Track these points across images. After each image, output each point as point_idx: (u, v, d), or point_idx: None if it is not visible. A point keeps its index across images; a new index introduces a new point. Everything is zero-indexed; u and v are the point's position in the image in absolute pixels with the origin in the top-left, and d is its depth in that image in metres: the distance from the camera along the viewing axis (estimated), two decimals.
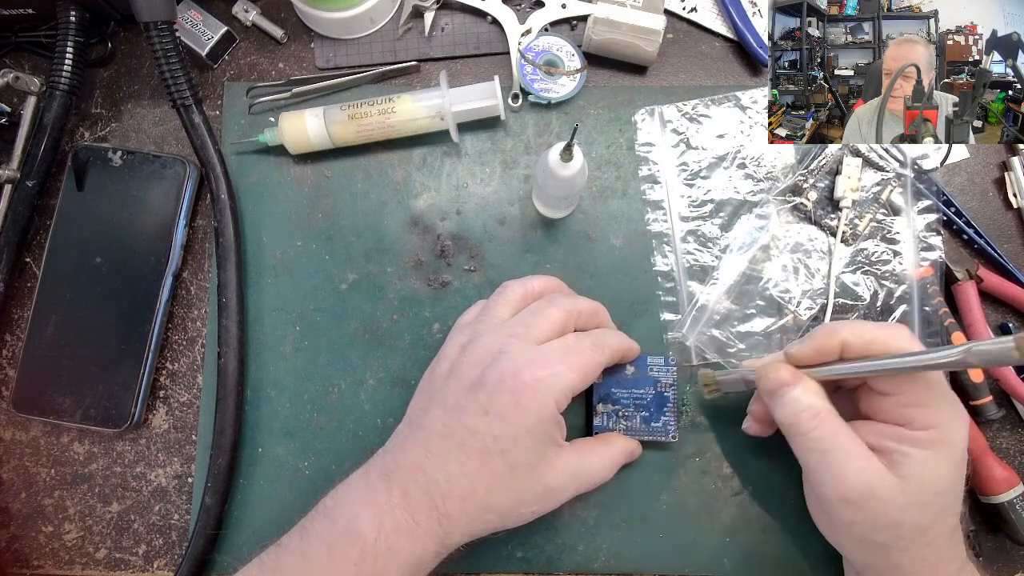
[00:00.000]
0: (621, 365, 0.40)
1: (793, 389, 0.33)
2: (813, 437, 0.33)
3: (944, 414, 0.31)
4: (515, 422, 0.32)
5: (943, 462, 0.31)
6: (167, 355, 0.43)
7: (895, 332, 0.32)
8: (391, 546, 0.31)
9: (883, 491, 0.31)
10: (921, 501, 0.31)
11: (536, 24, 0.45)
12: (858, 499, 0.31)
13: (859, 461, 0.32)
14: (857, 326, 0.33)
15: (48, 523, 0.42)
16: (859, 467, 0.31)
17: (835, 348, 0.33)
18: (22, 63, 0.46)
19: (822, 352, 0.33)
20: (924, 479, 0.31)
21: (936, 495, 0.31)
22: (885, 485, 0.31)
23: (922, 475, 0.31)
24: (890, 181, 0.43)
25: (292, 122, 0.42)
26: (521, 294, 0.38)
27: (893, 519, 0.31)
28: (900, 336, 0.32)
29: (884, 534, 0.32)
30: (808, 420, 0.33)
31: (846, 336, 0.33)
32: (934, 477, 0.31)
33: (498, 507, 0.33)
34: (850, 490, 0.31)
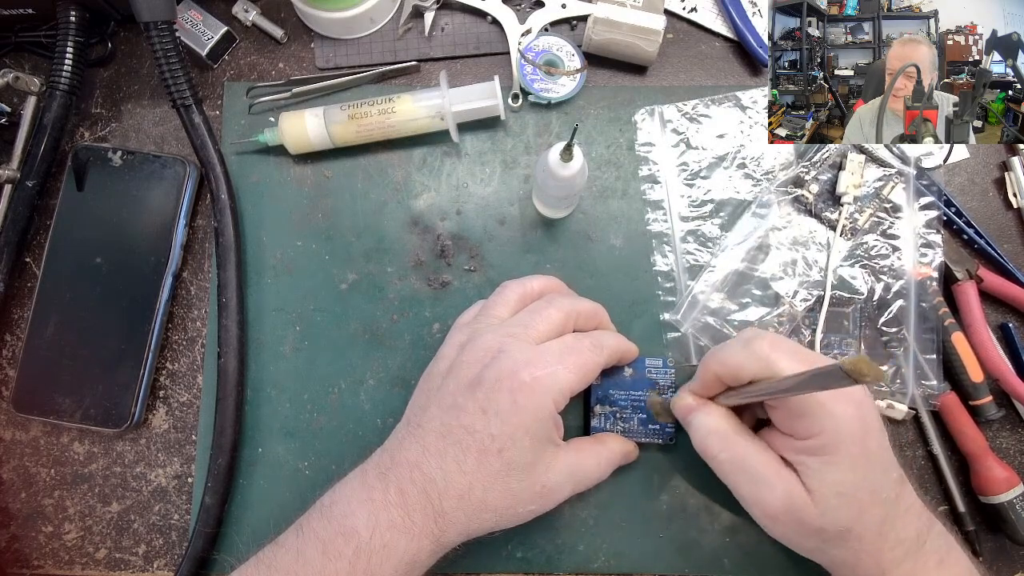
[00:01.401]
0: (619, 367, 0.40)
1: (697, 415, 0.35)
2: (723, 460, 0.34)
3: (823, 420, 0.31)
4: (513, 421, 0.32)
5: (836, 465, 0.31)
6: (167, 355, 0.43)
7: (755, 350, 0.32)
8: (386, 544, 0.31)
9: (796, 503, 0.32)
10: (830, 505, 0.32)
11: (536, 24, 0.45)
12: (777, 514, 0.33)
13: (771, 479, 0.33)
14: (721, 353, 0.34)
15: (48, 523, 0.42)
16: (771, 485, 0.33)
17: (715, 380, 0.35)
18: (22, 63, 0.46)
19: (708, 386, 0.35)
20: (825, 485, 0.32)
21: (840, 497, 0.31)
22: (796, 497, 0.32)
23: (821, 481, 0.32)
24: (892, 177, 0.43)
25: (292, 122, 0.42)
26: (520, 294, 0.38)
27: (814, 526, 0.32)
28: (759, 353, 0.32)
29: (812, 539, 0.33)
30: (716, 444, 0.34)
31: (714, 368, 0.34)
32: (832, 481, 0.31)
33: (495, 506, 0.33)
34: (768, 508, 0.33)
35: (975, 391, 0.41)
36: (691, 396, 0.36)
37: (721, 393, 0.35)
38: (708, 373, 0.35)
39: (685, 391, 0.36)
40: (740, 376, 0.33)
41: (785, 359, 0.32)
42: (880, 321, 0.42)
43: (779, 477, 0.33)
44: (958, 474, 0.41)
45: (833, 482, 0.31)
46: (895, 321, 0.42)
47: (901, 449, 0.42)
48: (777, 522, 0.33)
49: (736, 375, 0.33)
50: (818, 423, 0.31)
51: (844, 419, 0.31)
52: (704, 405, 0.35)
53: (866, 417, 0.32)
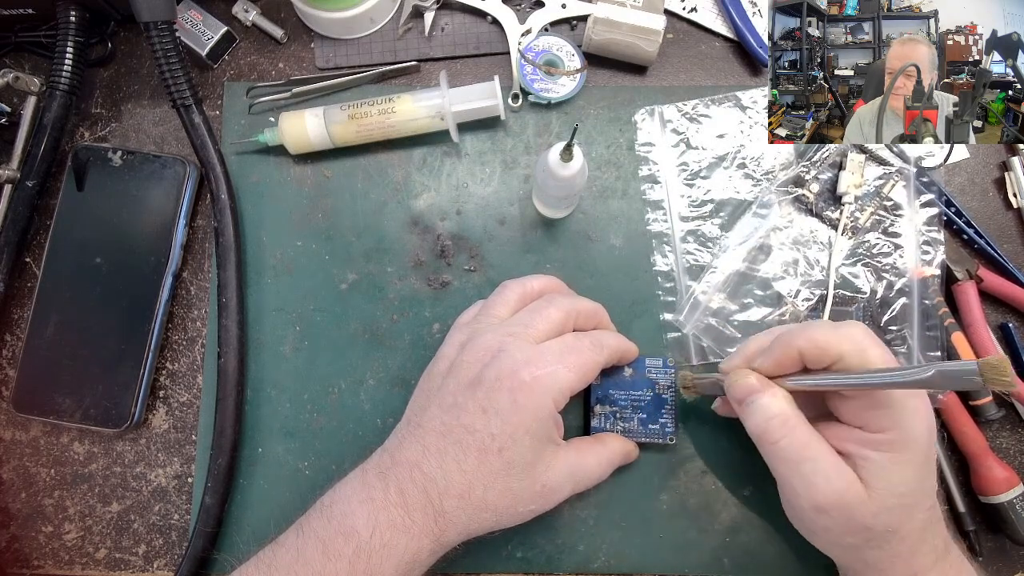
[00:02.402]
0: (619, 367, 0.40)
1: (761, 396, 0.33)
2: (783, 446, 0.33)
3: (900, 415, 0.31)
4: (513, 420, 0.32)
5: (903, 464, 0.31)
6: (167, 355, 0.43)
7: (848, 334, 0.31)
8: (386, 543, 0.31)
9: (852, 498, 0.31)
10: (887, 504, 0.31)
11: (536, 24, 0.45)
12: (829, 507, 0.32)
13: (829, 470, 0.32)
14: (810, 331, 0.32)
15: (48, 523, 0.42)
16: (828, 476, 0.32)
17: (794, 359, 0.33)
18: (22, 63, 0.46)
19: (782, 365, 0.33)
20: (886, 483, 0.31)
21: (899, 497, 0.31)
22: (853, 492, 0.31)
23: (884, 479, 0.31)
24: (892, 175, 0.43)
25: (292, 122, 0.42)
26: (520, 294, 0.38)
27: (863, 524, 0.32)
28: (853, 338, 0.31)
29: (856, 537, 0.32)
30: (777, 428, 0.33)
31: (801, 345, 0.32)
32: (897, 480, 0.31)
33: (495, 506, 0.33)
34: (821, 499, 0.32)
35: (975, 391, 0.41)
36: (755, 376, 0.34)
37: (790, 375, 0.33)
38: (791, 349, 0.32)
39: (746, 371, 0.34)
40: (825, 358, 0.32)
41: (877, 348, 0.31)
42: (883, 320, 0.42)
43: (838, 468, 0.31)
44: (958, 474, 0.41)
45: (896, 481, 0.31)
46: (898, 319, 0.42)
47: None
48: (824, 515, 0.32)
49: (822, 356, 0.32)
50: (895, 418, 0.31)
51: (919, 418, 0.31)
52: (770, 387, 0.33)
53: (931, 419, 0.31)
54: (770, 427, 0.33)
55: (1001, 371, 0.23)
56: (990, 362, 0.23)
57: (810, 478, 0.32)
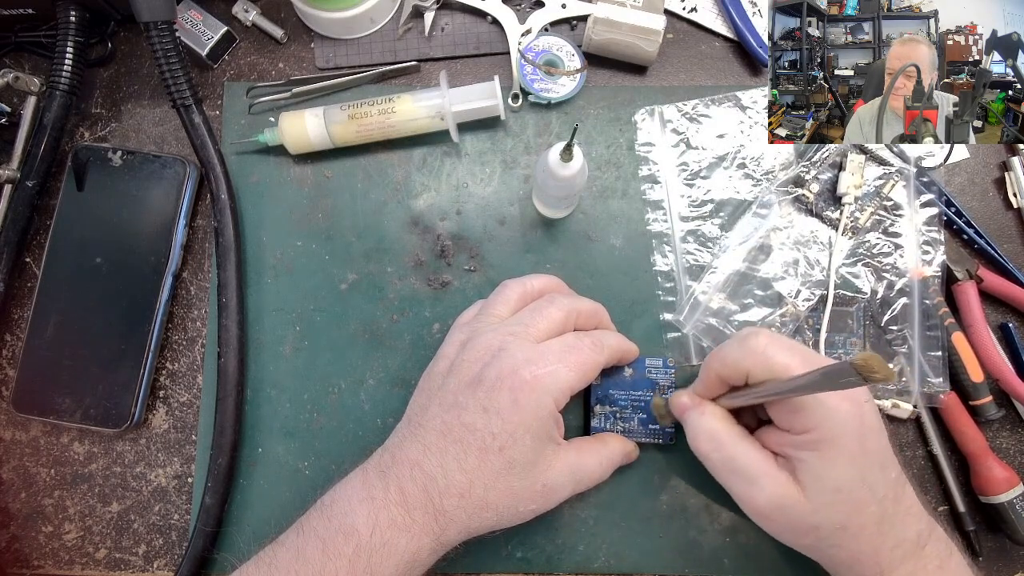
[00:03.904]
0: (619, 367, 0.40)
1: (691, 414, 0.35)
2: (713, 460, 0.34)
3: (819, 414, 0.31)
4: (513, 419, 0.32)
5: (832, 460, 0.31)
6: (167, 355, 0.43)
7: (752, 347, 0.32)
8: (386, 542, 0.31)
9: (788, 501, 0.32)
10: (824, 502, 0.31)
11: (536, 24, 0.45)
12: (769, 512, 0.33)
13: (762, 479, 0.33)
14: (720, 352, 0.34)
15: (48, 523, 0.42)
16: (761, 484, 0.33)
17: (717, 381, 0.35)
18: (22, 63, 0.46)
19: (711, 388, 0.35)
20: (820, 481, 0.31)
21: (834, 493, 0.31)
22: (789, 496, 0.32)
23: (815, 477, 0.32)
24: (892, 175, 0.43)
25: (292, 122, 0.42)
26: (520, 293, 0.38)
27: (809, 524, 0.32)
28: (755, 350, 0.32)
29: (808, 537, 0.33)
30: (705, 443, 0.34)
31: (715, 367, 0.34)
32: (828, 477, 0.31)
33: (496, 505, 0.33)
34: (759, 505, 0.33)
35: (975, 391, 0.41)
36: (687, 395, 0.36)
37: (724, 394, 0.35)
38: (710, 373, 0.35)
39: (683, 391, 0.37)
40: (739, 374, 0.33)
41: (783, 354, 0.32)
42: (883, 319, 0.42)
43: (769, 477, 0.33)
44: (958, 474, 0.41)
45: (828, 478, 0.31)
46: (899, 319, 0.42)
47: (901, 449, 0.42)
48: (769, 520, 0.34)
49: (735, 373, 0.33)
50: (814, 417, 0.31)
51: (841, 414, 0.31)
52: (699, 404, 0.35)
53: (864, 414, 0.32)
54: (699, 443, 0.35)
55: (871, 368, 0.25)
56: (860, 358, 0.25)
57: (744, 487, 0.34)
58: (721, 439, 0.34)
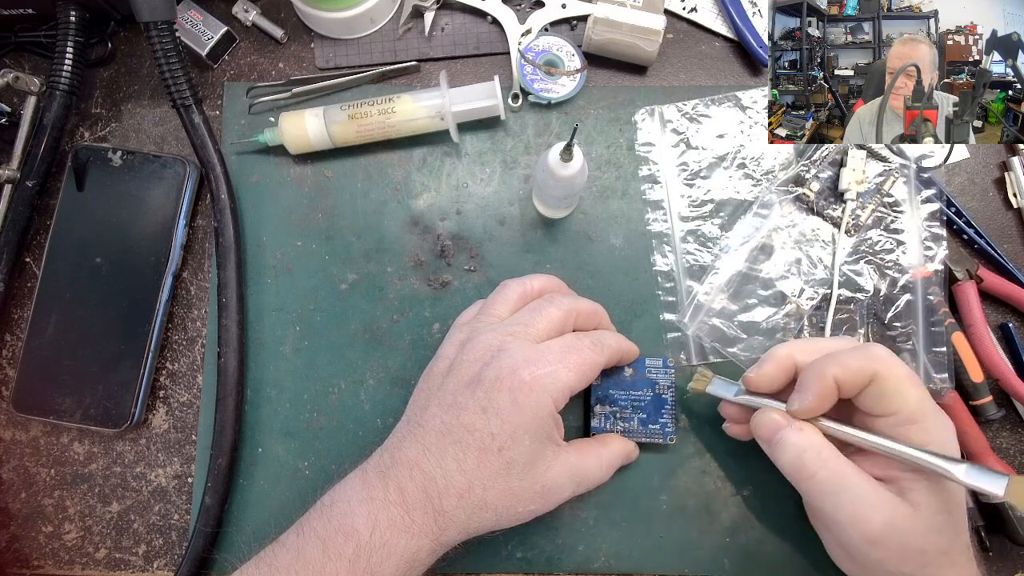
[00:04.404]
0: (619, 367, 0.39)
1: (789, 433, 0.33)
2: (821, 479, 0.32)
3: (936, 429, 0.31)
4: (513, 420, 0.32)
5: (943, 483, 0.31)
6: (167, 355, 0.43)
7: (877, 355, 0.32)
8: (386, 542, 0.31)
9: (903, 522, 0.30)
10: (937, 524, 0.31)
11: (536, 24, 0.45)
12: (881, 536, 0.31)
13: (873, 498, 0.31)
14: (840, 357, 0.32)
15: (48, 523, 0.42)
16: (874, 504, 0.31)
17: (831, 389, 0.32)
18: (22, 63, 0.46)
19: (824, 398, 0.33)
20: (935, 501, 0.31)
21: (948, 515, 0.31)
22: (902, 516, 0.30)
23: (932, 497, 0.31)
24: (893, 172, 0.43)
25: (292, 122, 0.42)
26: (520, 293, 0.38)
27: (917, 548, 0.31)
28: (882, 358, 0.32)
29: (911, 563, 0.31)
30: (812, 461, 0.32)
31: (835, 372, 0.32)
32: (943, 496, 0.31)
33: (495, 505, 0.33)
34: (872, 530, 0.31)
35: (975, 391, 0.41)
36: (779, 413, 0.34)
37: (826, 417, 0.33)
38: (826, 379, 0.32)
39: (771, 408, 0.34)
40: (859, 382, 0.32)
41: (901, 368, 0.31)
42: (887, 316, 0.42)
43: (881, 495, 0.31)
44: None
45: (943, 497, 0.31)
46: (902, 316, 0.42)
47: None
48: (877, 545, 0.31)
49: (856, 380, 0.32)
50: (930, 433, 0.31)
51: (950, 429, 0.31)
52: (795, 422, 0.33)
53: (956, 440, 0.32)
54: (804, 461, 0.32)
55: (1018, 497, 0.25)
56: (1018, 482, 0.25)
57: (855, 508, 0.31)
58: (828, 455, 0.32)
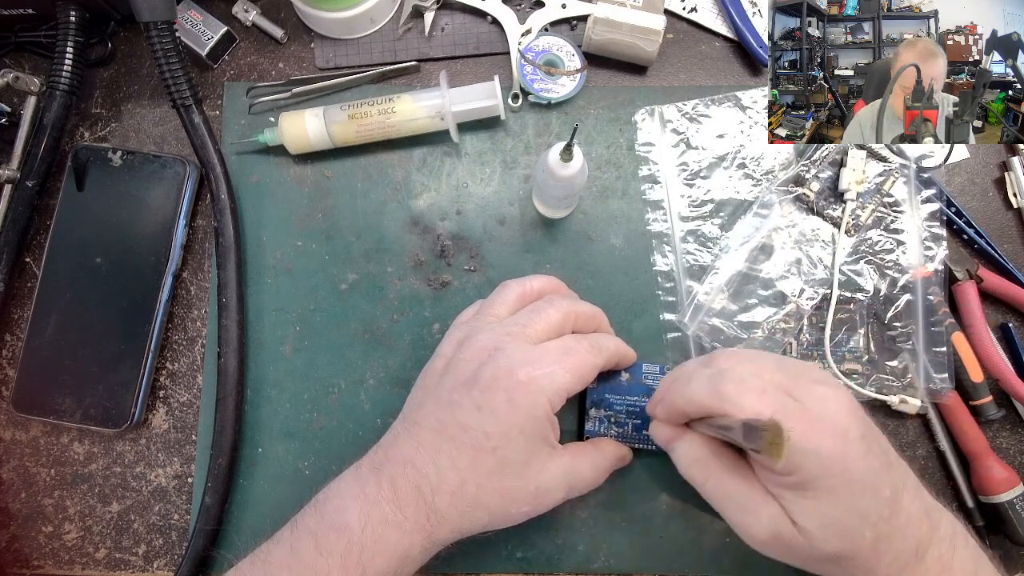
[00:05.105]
0: (616, 371, 0.39)
1: (678, 444, 0.34)
2: (708, 488, 0.34)
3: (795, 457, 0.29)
4: (507, 420, 0.32)
5: (818, 500, 0.30)
6: (167, 355, 0.43)
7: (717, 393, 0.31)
8: (377, 538, 0.31)
9: (783, 534, 0.31)
10: (818, 537, 0.30)
11: (536, 24, 0.45)
12: (767, 542, 0.32)
13: (757, 510, 0.32)
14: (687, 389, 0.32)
15: (48, 523, 0.42)
16: (757, 516, 0.32)
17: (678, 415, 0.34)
18: (22, 63, 0.46)
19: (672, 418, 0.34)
20: (808, 519, 0.30)
21: (826, 529, 0.30)
22: (784, 530, 0.31)
23: (805, 516, 0.30)
24: (893, 172, 0.43)
25: (292, 122, 0.42)
26: (519, 293, 0.38)
27: (805, 555, 0.31)
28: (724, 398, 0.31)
29: (803, 563, 0.32)
30: (698, 473, 0.34)
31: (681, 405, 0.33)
32: (818, 515, 0.30)
33: (488, 504, 0.33)
34: (757, 536, 0.32)
35: (975, 391, 0.41)
36: (667, 427, 0.35)
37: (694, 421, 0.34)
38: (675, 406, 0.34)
39: (659, 423, 0.35)
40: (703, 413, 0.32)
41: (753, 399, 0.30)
42: (887, 316, 0.42)
43: (763, 507, 0.31)
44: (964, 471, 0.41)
45: (815, 514, 0.30)
46: (902, 316, 0.42)
47: (902, 448, 0.42)
48: (766, 548, 0.32)
49: (699, 412, 0.32)
50: (793, 461, 0.29)
51: (822, 456, 0.29)
52: (684, 434, 0.34)
53: (847, 448, 0.30)
54: (692, 472, 0.34)
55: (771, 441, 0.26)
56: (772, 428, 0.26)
57: (739, 517, 0.33)
58: (712, 466, 0.33)
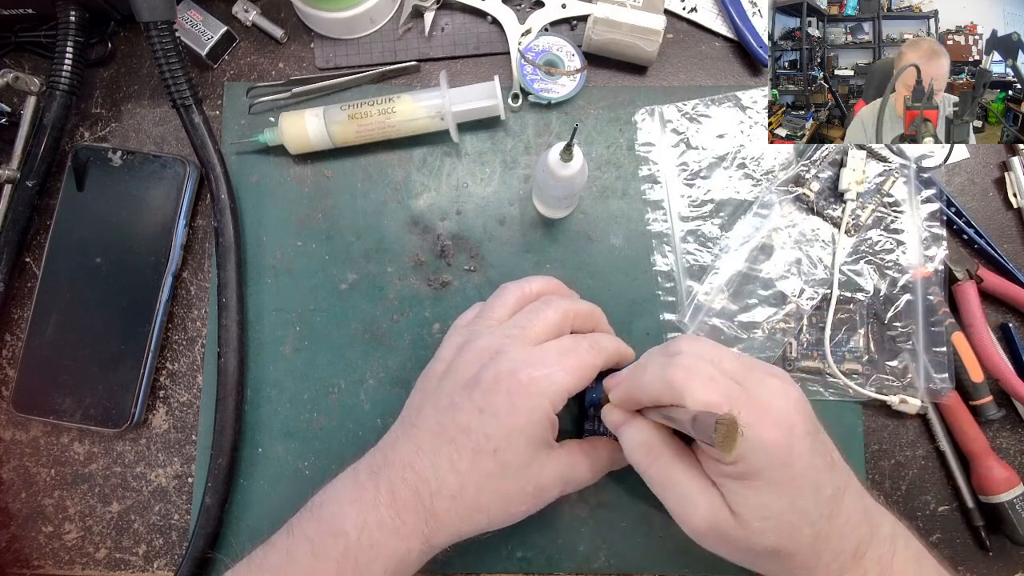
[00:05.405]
0: (615, 370, 0.39)
1: (625, 428, 0.34)
2: (651, 474, 0.33)
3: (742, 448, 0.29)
4: (508, 422, 0.32)
5: (759, 491, 0.30)
6: (167, 355, 0.43)
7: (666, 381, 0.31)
8: (374, 543, 0.31)
9: (721, 523, 0.31)
10: (755, 529, 0.30)
11: (536, 24, 0.45)
12: (702, 532, 0.32)
13: (696, 498, 0.32)
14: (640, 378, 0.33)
15: (48, 523, 0.42)
16: (695, 503, 0.31)
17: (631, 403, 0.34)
18: (22, 63, 0.46)
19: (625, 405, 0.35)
20: (748, 509, 0.30)
21: (764, 520, 0.30)
22: (722, 520, 0.31)
23: (744, 506, 0.30)
24: (893, 172, 0.43)
25: (292, 122, 0.42)
26: (518, 296, 0.38)
27: (743, 547, 0.31)
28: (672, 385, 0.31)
29: (741, 556, 0.33)
30: (642, 458, 0.34)
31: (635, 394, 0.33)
32: (757, 505, 0.30)
33: (488, 507, 0.33)
34: (695, 525, 0.32)
35: (975, 391, 0.41)
36: (618, 412, 0.35)
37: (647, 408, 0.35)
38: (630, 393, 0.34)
39: (612, 407, 0.36)
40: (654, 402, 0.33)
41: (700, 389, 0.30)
42: (887, 316, 0.42)
43: (703, 496, 0.31)
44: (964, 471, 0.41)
45: (756, 506, 0.30)
46: (902, 316, 0.42)
47: (903, 448, 0.42)
48: (703, 538, 0.32)
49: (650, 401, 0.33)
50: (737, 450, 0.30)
51: (765, 446, 0.29)
52: (633, 419, 0.35)
53: (793, 442, 0.30)
54: (636, 456, 0.34)
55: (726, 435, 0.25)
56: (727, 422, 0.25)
57: (679, 504, 0.32)
58: (656, 453, 0.33)
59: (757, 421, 0.29)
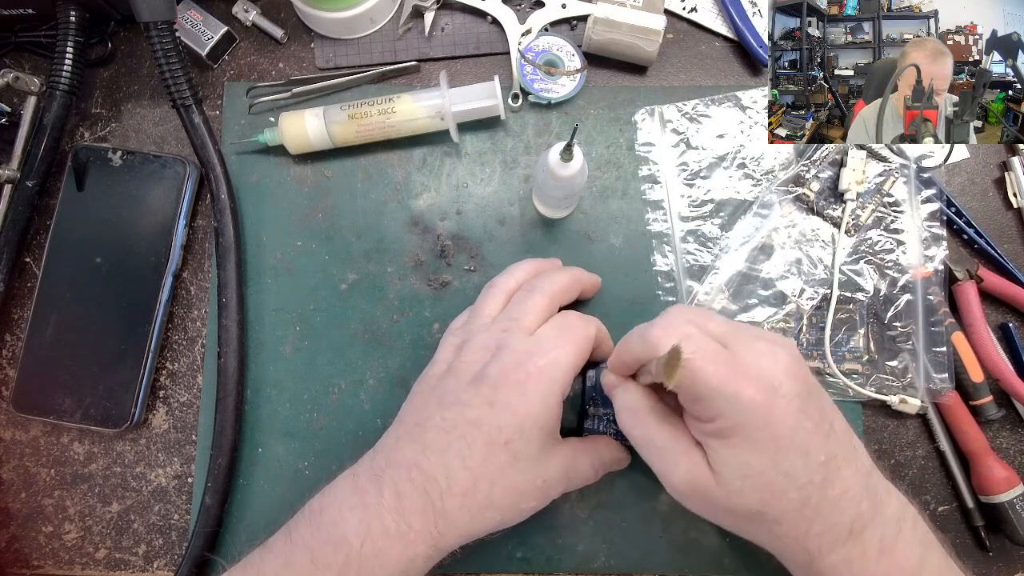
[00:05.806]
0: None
1: (617, 391, 0.35)
2: (636, 435, 0.34)
3: (717, 403, 0.29)
4: (522, 412, 0.32)
5: (739, 449, 0.30)
6: (167, 355, 0.43)
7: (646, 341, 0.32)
8: (378, 552, 0.31)
9: (701, 483, 0.31)
10: (735, 488, 0.30)
11: (536, 24, 0.45)
12: (684, 492, 0.32)
13: (677, 458, 0.32)
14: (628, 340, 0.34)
15: (48, 523, 0.42)
16: (676, 463, 0.32)
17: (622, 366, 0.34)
18: (22, 63, 0.46)
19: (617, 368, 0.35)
20: (727, 468, 0.30)
21: (745, 479, 0.30)
22: (702, 480, 0.31)
23: (724, 464, 0.30)
24: (893, 172, 0.43)
25: (292, 122, 0.42)
26: (505, 291, 0.38)
27: (724, 507, 0.31)
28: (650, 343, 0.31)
29: (726, 518, 0.33)
30: (628, 420, 0.34)
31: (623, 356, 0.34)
32: (736, 464, 0.30)
33: (500, 503, 0.33)
34: (676, 485, 0.32)
35: (975, 391, 0.41)
36: (612, 376, 0.36)
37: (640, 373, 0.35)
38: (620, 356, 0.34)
39: (608, 372, 0.36)
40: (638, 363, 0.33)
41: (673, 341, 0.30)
42: (887, 316, 0.42)
43: (685, 456, 0.31)
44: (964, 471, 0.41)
45: (736, 464, 0.30)
46: (902, 316, 0.42)
47: (902, 448, 0.42)
48: (686, 498, 0.33)
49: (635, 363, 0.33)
50: (714, 406, 0.29)
51: (743, 402, 0.29)
52: (624, 382, 0.35)
53: (775, 403, 0.29)
54: (623, 418, 0.34)
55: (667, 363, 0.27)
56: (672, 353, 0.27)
57: (661, 465, 0.33)
58: (642, 416, 0.33)
59: (733, 376, 0.29)
